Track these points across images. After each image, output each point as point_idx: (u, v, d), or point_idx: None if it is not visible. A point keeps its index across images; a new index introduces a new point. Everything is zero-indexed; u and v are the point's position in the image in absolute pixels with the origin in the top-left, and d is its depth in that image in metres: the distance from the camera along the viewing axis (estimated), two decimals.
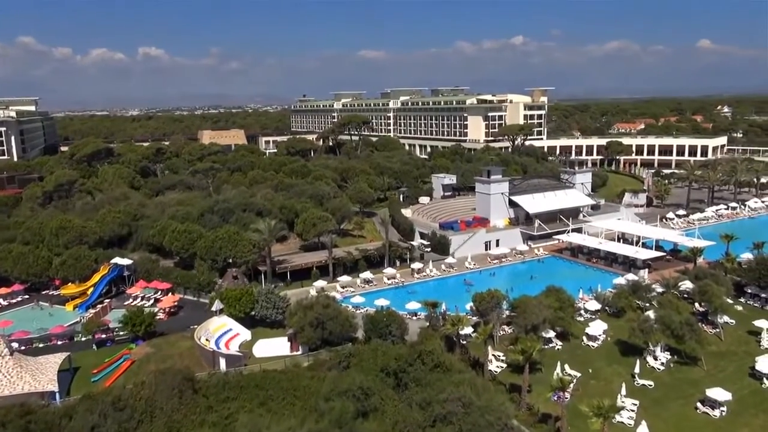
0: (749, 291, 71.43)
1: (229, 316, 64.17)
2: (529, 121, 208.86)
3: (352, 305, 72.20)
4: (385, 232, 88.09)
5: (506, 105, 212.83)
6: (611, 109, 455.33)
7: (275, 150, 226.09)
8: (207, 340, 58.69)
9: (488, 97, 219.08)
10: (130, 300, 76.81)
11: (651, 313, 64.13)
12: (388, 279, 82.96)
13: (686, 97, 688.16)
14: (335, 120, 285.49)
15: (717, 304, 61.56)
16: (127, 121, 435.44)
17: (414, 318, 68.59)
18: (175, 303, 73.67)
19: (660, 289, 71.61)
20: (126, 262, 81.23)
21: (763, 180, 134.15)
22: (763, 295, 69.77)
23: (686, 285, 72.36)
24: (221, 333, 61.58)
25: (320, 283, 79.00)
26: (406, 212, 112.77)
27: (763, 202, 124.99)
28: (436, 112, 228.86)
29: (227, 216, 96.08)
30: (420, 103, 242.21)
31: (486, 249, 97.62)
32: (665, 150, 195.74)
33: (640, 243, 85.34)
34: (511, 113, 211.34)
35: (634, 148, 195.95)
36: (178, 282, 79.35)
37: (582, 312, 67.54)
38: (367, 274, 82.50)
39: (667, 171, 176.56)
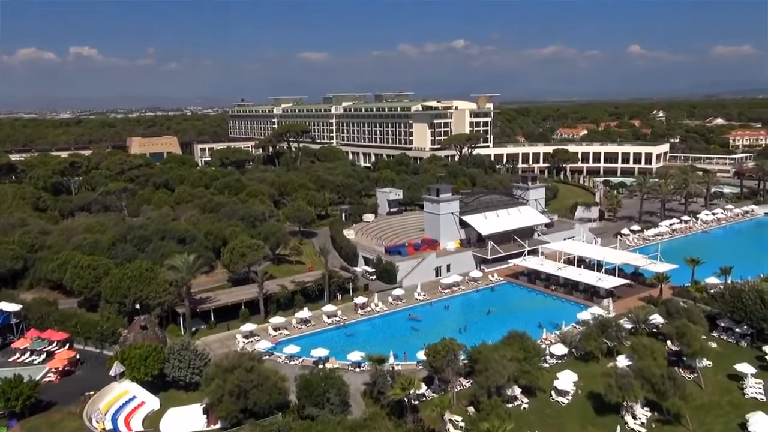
0: (722, 324, 65.57)
1: (133, 380, 52.82)
2: (475, 129, 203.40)
3: (285, 356, 61.92)
4: (324, 263, 78.06)
5: (452, 112, 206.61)
6: (552, 113, 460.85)
7: (210, 158, 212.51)
8: (98, 422, 47.13)
9: (433, 104, 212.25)
10: (16, 355, 63.86)
11: (624, 359, 57.23)
12: (328, 317, 73.08)
13: (620, 100, 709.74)
14: (275, 126, 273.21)
15: (696, 348, 54.93)
16: (51, 126, 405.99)
17: (357, 370, 59.05)
18: (71, 359, 61.32)
19: (629, 325, 64.88)
20: (13, 307, 67.87)
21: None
22: (737, 330, 63.95)
23: (656, 318, 66.08)
24: (121, 404, 50.27)
25: (248, 326, 68.24)
26: (349, 233, 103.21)
27: (714, 214, 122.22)
28: (379, 119, 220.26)
29: (143, 245, 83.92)
30: (363, 109, 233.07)
31: (436, 275, 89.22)
32: (610, 157, 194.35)
33: (603, 269, 78.74)
34: (457, 120, 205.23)
35: (580, 156, 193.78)
36: (77, 331, 66.90)
37: (548, 357, 59.72)
38: (303, 313, 72.33)
39: (614, 179, 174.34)
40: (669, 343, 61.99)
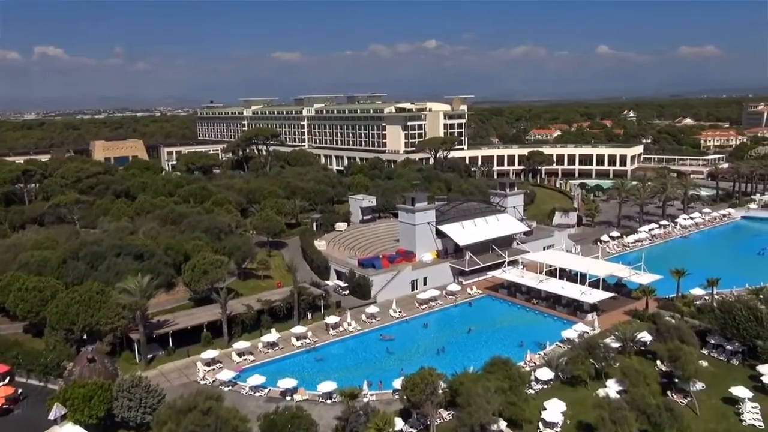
0: (712, 341, 62.50)
1: (76, 423, 47.14)
2: (449, 131, 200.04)
3: (249, 387, 56.74)
4: (293, 280, 72.93)
5: (426, 114, 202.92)
6: (525, 114, 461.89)
7: (177, 162, 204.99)
8: None
9: (407, 106, 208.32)
10: None
11: (614, 384, 53.60)
12: (297, 340, 68.04)
13: (590, 100, 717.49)
14: (245, 128, 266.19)
15: (691, 371, 51.50)
16: (12, 129, 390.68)
17: (329, 401, 54.24)
18: (9, 396, 55.22)
19: (616, 344, 61.35)
20: None
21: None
22: (728, 347, 60.92)
23: (644, 335, 62.78)
24: None
25: (210, 353, 62.78)
26: (320, 244, 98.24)
27: (692, 219, 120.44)
28: (352, 121, 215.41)
29: (96, 262, 77.67)
30: (335, 111, 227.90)
31: (413, 289, 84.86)
32: (585, 159, 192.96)
33: (587, 282, 75.19)
34: (431, 122, 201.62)
35: (555, 158, 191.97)
36: (19, 363, 60.71)
37: (533, 382, 55.72)
38: (270, 336, 67.17)
39: (589, 181, 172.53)
40: (659, 363, 58.76)
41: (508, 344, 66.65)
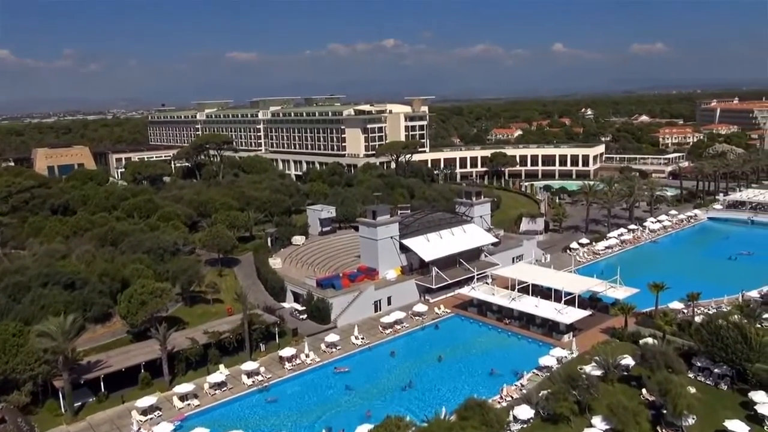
0: (698, 364, 58.26)
1: None
2: (410, 133, 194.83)
3: None
4: (243, 309, 65.69)
5: (386, 116, 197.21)
6: (485, 112, 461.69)
7: (124, 171, 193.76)
8: None
9: (366, 108, 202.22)
10: None
11: (601, 422, 48.50)
12: (249, 377, 60.99)
13: (547, 97, 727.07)
14: (199, 132, 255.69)
15: (682, 406, 46.79)
16: None
17: None
18: None
19: (598, 372, 56.52)
20: None
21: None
22: (715, 371, 56.74)
23: (626, 358, 58.24)
24: None
25: (147, 399, 55.23)
26: (276, 261, 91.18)
27: (660, 222, 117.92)
28: (310, 124, 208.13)
29: (19, 294, 68.87)
30: (292, 114, 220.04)
31: (376, 310, 78.72)
32: (548, 160, 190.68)
33: (562, 300, 70.27)
34: (392, 125, 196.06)
35: (518, 159, 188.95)
36: None
37: (511, 422, 50.18)
38: (217, 376, 59.97)
39: (553, 182, 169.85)
40: (644, 391, 54.16)
41: (481, 373, 61.31)
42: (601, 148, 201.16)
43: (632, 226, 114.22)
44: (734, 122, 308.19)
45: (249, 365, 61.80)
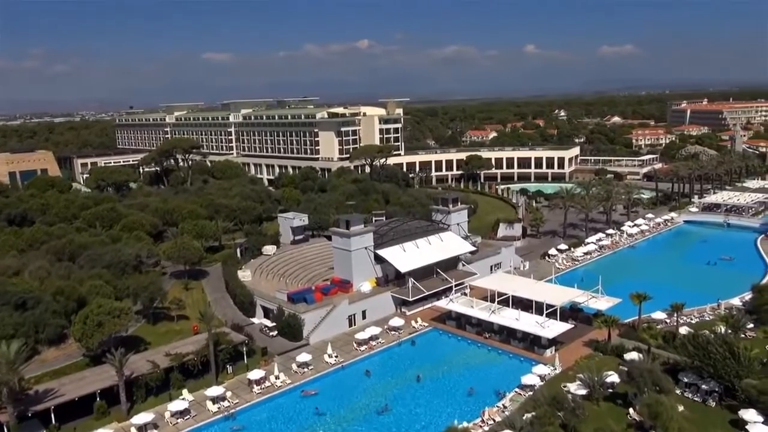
0: (685, 380, 56.12)
1: None
2: (385, 136, 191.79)
3: None
4: (208, 330, 61.58)
5: (360, 119, 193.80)
6: (459, 114, 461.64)
7: (88, 177, 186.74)
8: None
9: (340, 110, 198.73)
10: None
11: None
12: (214, 403, 57.01)
13: (520, 98, 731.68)
14: (168, 136, 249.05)
15: (674, 430, 44.36)
16: None
17: None
18: None
19: (582, 391, 54.01)
20: None
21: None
22: (703, 386, 54.63)
23: (612, 378, 55.82)
24: None
25: None
26: (245, 274, 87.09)
27: (637, 226, 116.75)
28: (283, 127, 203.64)
29: None
30: (264, 117, 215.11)
31: (351, 325, 75.29)
32: (524, 162, 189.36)
33: (544, 313, 67.70)
34: (366, 127, 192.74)
35: (493, 161, 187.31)
36: None
37: None
38: (179, 403, 55.88)
39: (529, 185, 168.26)
40: (632, 411, 51.77)
41: (461, 393, 58.35)
42: (576, 151, 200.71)
43: (610, 231, 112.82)
44: (704, 123, 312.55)
45: (214, 390, 57.85)
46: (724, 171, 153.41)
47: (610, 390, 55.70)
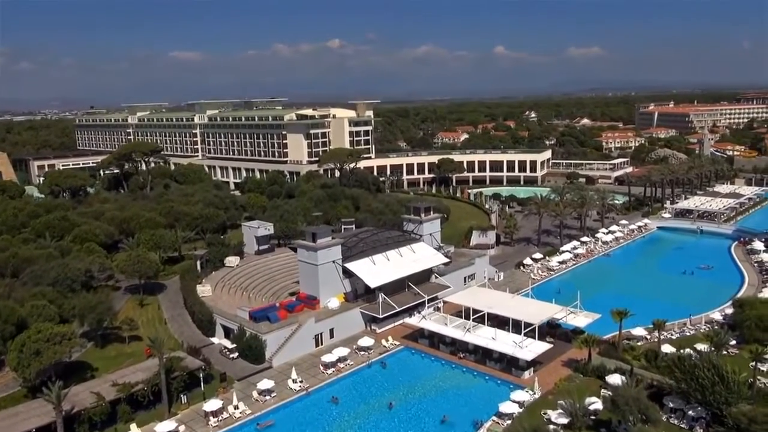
0: (671, 404, 53.16)
1: None
2: (355, 138, 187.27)
3: None
4: (159, 358, 56.28)
5: (329, 121, 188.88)
6: (430, 115, 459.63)
7: (42, 182, 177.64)
8: None
9: (309, 112, 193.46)
10: None
11: None
12: None
13: (490, 100, 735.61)
14: (131, 138, 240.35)
15: None
16: None
17: None
18: None
19: (564, 420, 50.57)
20: None
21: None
22: (689, 412, 51.72)
23: (595, 405, 52.56)
24: None
25: None
26: (205, 289, 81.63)
27: (611, 233, 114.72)
28: (250, 129, 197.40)
29: None
30: (231, 119, 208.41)
31: (317, 344, 70.66)
32: (496, 166, 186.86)
33: (522, 332, 64.19)
34: (336, 130, 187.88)
35: (465, 164, 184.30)
36: None
37: None
38: None
39: (502, 189, 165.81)
40: None
41: (434, 421, 54.39)
42: (548, 154, 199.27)
43: (585, 238, 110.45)
44: (672, 126, 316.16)
45: (165, 425, 52.67)
46: (695, 175, 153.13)
47: (593, 417, 52.46)
